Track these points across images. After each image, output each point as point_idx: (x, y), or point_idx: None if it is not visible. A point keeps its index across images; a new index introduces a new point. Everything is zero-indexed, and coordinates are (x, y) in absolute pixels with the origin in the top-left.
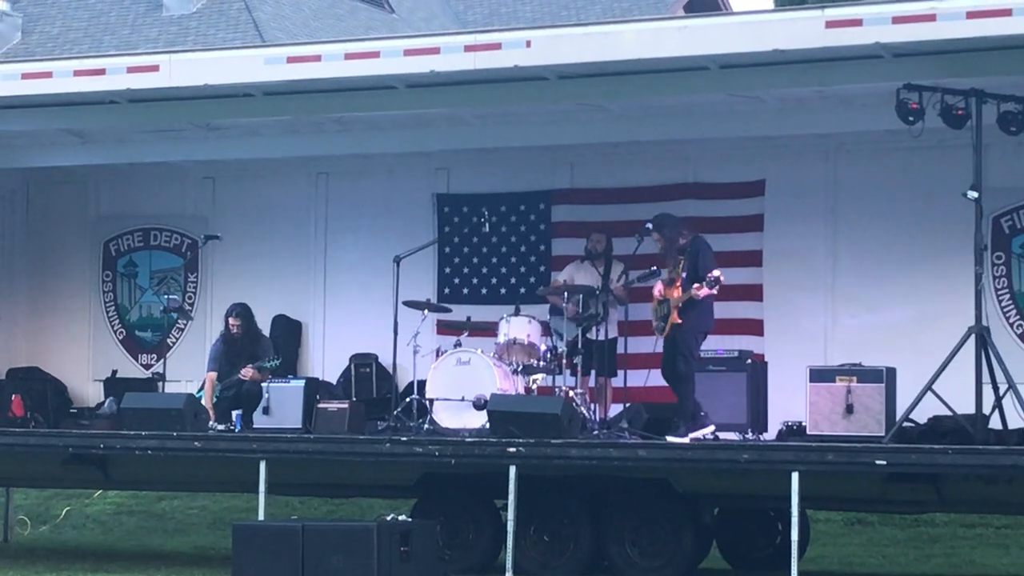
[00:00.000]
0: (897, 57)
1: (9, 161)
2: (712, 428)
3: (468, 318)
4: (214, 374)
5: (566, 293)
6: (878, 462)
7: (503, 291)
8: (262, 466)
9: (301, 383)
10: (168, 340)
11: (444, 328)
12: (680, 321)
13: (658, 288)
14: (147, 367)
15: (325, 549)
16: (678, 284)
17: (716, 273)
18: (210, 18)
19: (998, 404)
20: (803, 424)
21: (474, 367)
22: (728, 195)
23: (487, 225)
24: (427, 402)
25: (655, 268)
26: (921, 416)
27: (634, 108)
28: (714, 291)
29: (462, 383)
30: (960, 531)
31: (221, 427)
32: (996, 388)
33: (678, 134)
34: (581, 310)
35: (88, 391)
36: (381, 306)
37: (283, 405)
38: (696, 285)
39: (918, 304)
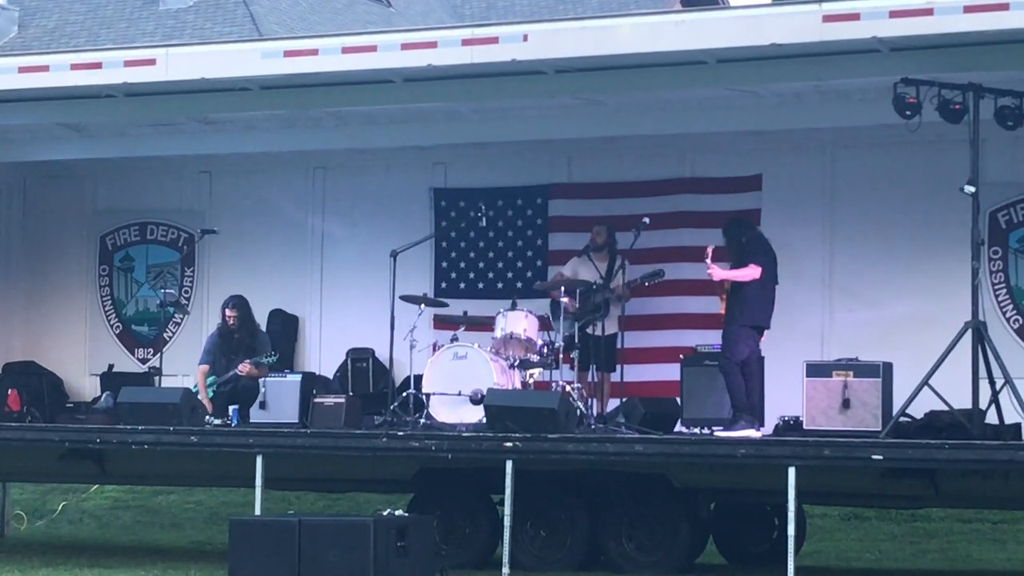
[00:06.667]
0: (894, 51)
1: (6, 155)
2: (756, 433)
3: (465, 313)
4: (206, 367)
5: (563, 288)
6: (874, 457)
7: (500, 286)
8: (259, 461)
9: (298, 378)
10: (164, 334)
11: (441, 323)
12: (722, 312)
13: None
14: (143, 361)
15: (321, 544)
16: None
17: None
18: (207, 12)
19: (995, 399)
20: (800, 419)
21: (471, 361)
22: (725, 189)
23: (483, 219)
24: (424, 397)
25: (660, 268)
26: (918, 411)
27: (631, 102)
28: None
29: (459, 378)
30: (957, 526)
31: (218, 422)
32: (993, 383)
33: (675, 128)
34: (580, 305)
35: (84, 385)
36: (378, 301)
37: (280, 400)
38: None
39: (915, 299)
